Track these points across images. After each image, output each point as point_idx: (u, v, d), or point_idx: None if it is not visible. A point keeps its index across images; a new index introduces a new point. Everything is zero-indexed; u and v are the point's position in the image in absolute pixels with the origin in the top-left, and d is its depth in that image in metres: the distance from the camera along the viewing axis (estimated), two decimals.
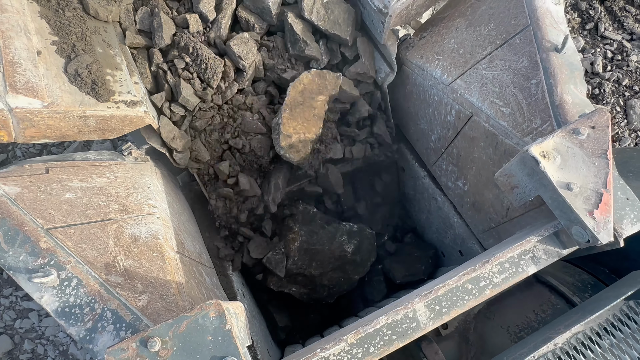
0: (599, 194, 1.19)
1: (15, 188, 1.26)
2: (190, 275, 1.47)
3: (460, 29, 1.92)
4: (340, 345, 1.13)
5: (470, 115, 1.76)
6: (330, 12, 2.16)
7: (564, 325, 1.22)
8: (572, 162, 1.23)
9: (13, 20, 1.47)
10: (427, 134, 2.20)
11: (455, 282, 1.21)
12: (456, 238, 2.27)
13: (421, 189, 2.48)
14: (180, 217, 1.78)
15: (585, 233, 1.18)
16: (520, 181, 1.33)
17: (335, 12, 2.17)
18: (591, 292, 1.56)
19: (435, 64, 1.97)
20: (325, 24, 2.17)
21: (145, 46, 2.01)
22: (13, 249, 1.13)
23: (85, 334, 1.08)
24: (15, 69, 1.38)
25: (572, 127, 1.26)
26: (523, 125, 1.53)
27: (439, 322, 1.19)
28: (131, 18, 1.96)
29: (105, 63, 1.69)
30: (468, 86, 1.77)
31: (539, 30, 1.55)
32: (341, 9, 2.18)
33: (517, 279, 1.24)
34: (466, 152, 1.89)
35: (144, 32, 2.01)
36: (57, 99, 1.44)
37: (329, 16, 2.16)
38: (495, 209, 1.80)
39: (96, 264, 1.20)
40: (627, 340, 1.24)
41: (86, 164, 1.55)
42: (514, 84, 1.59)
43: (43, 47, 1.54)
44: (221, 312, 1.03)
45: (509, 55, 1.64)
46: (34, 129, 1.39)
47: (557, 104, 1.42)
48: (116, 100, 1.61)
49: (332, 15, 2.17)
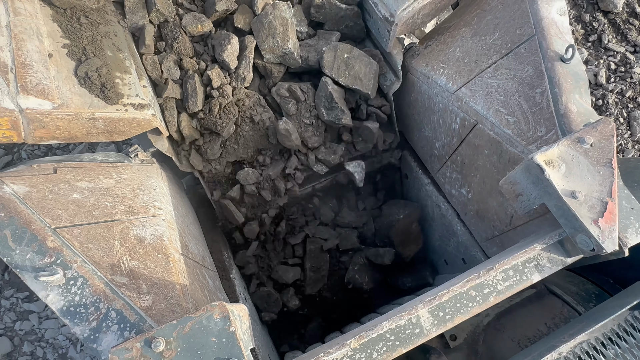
0: (604, 202, 1.19)
1: (24, 187, 1.28)
2: (194, 278, 1.48)
3: (465, 38, 1.94)
4: (343, 350, 1.13)
5: (475, 123, 1.77)
6: (350, 67, 2.19)
7: (568, 334, 1.21)
8: (576, 170, 1.24)
9: (26, 24, 1.50)
10: (432, 142, 2.21)
11: (459, 289, 1.21)
12: (459, 246, 2.27)
13: (425, 196, 2.49)
14: (185, 220, 1.79)
15: (590, 242, 1.18)
16: (524, 189, 1.34)
17: (355, 67, 2.19)
18: (595, 301, 1.55)
19: (440, 72, 1.98)
20: (346, 80, 2.20)
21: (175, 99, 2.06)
22: (20, 247, 1.14)
23: (90, 334, 1.09)
24: (27, 70, 1.40)
25: (577, 135, 1.27)
26: (528, 133, 1.54)
27: (443, 328, 1.19)
28: (158, 69, 2.01)
29: (114, 66, 1.72)
30: (473, 94, 1.78)
31: (544, 40, 1.56)
32: (362, 64, 2.19)
33: (521, 287, 1.24)
34: (470, 160, 1.90)
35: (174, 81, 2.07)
36: (67, 100, 1.46)
37: (350, 71, 2.19)
38: (499, 217, 1.80)
39: (102, 264, 1.21)
40: (632, 351, 1.23)
41: (93, 165, 1.56)
42: (519, 93, 1.60)
43: (54, 49, 1.56)
44: (225, 314, 1.03)
45: (514, 64, 1.66)
46: (43, 129, 1.41)
47: (562, 112, 1.43)
48: (124, 103, 1.63)
49: (353, 71, 2.19)
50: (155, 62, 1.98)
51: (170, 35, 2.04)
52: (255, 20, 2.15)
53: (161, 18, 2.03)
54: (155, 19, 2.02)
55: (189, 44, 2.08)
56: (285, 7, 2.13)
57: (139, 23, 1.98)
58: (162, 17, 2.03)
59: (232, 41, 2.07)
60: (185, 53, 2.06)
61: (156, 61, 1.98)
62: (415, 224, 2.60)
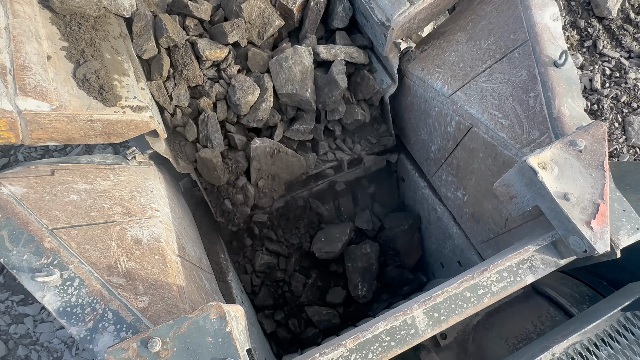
0: (595, 204, 1.21)
1: (21, 188, 1.28)
2: (191, 279, 1.48)
3: (460, 43, 1.97)
4: (339, 351, 1.13)
5: (470, 127, 1.79)
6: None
7: (561, 335, 1.23)
8: (569, 173, 1.26)
9: (25, 26, 1.51)
10: (428, 145, 2.23)
11: (454, 290, 1.22)
12: (455, 249, 2.28)
13: (421, 199, 2.50)
14: (182, 222, 1.80)
15: (583, 243, 1.19)
16: (518, 191, 1.35)
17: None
18: (589, 303, 1.57)
19: (436, 76, 2.01)
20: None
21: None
22: (17, 248, 1.14)
23: (86, 334, 1.09)
24: (25, 72, 1.41)
25: (569, 139, 1.29)
26: (522, 136, 1.55)
27: (438, 329, 1.19)
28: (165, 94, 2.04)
29: (113, 69, 1.73)
30: (468, 98, 1.80)
31: (537, 45, 1.59)
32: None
33: (515, 288, 1.25)
34: (466, 163, 1.91)
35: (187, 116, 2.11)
36: (65, 102, 1.47)
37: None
38: (494, 220, 1.82)
39: (99, 265, 1.21)
40: (625, 352, 1.24)
41: (91, 167, 1.57)
42: (513, 97, 1.62)
43: (53, 52, 1.57)
44: (222, 314, 1.04)
45: (508, 69, 1.68)
46: (41, 131, 1.42)
47: (555, 116, 1.45)
48: (123, 105, 1.64)
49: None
50: (160, 87, 2.00)
51: (181, 62, 2.04)
52: (274, 62, 2.14)
53: (171, 43, 2.03)
54: (165, 43, 2.03)
55: (199, 72, 2.09)
56: (307, 53, 2.12)
57: (145, 47, 1.98)
58: (172, 42, 2.03)
59: (254, 92, 2.09)
60: (194, 81, 2.07)
61: (161, 85, 2.01)
62: (417, 233, 2.66)
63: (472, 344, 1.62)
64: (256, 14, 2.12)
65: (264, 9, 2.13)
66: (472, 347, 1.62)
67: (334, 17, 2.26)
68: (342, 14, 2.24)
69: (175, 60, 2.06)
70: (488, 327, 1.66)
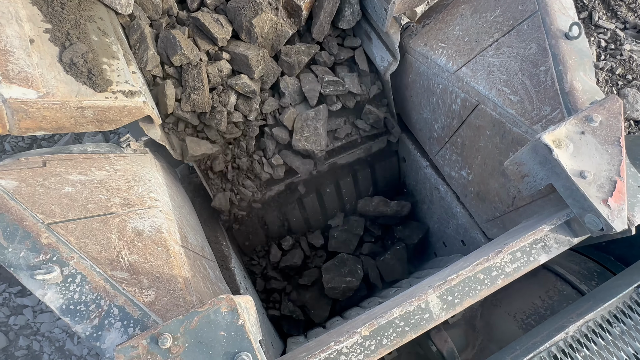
0: (612, 181, 1.18)
1: (13, 182, 1.21)
2: (196, 269, 1.44)
3: (465, 16, 1.89)
4: (354, 338, 1.11)
5: (477, 104, 1.74)
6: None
7: (576, 314, 1.22)
8: (584, 149, 1.22)
9: (3, 7, 1.40)
10: (431, 123, 2.17)
11: (468, 273, 1.19)
12: (458, 228, 2.26)
13: (423, 179, 2.47)
14: (182, 210, 1.74)
15: (599, 221, 1.17)
16: (531, 170, 1.32)
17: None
18: (598, 279, 1.57)
19: (439, 51, 1.93)
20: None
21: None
22: (13, 245, 1.08)
23: (92, 332, 1.05)
24: (7, 57, 1.31)
25: (584, 114, 1.25)
26: (532, 113, 1.51)
27: (452, 312, 1.18)
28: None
29: (101, 52, 1.63)
30: (474, 74, 1.74)
31: (547, 16, 1.52)
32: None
33: (528, 268, 1.23)
34: (471, 141, 1.87)
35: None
36: (52, 89, 1.38)
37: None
38: (501, 198, 1.79)
39: (100, 260, 1.16)
40: (638, 327, 1.24)
41: (84, 157, 1.49)
42: (522, 71, 1.57)
43: (36, 35, 1.47)
44: (233, 307, 1.00)
45: (517, 42, 1.61)
46: (29, 120, 1.33)
47: (567, 91, 1.40)
48: (114, 90, 1.55)
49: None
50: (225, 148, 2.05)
51: (191, 84, 1.94)
52: (298, 119, 2.26)
53: (184, 61, 1.93)
54: (178, 61, 1.92)
55: (208, 98, 2.00)
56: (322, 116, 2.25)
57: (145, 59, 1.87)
58: (187, 60, 1.93)
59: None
60: (201, 107, 1.99)
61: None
62: (426, 241, 2.77)
63: (480, 320, 1.62)
64: (268, 27, 2.05)
65: (275, 22, 2.05)
66: (480, 324, 1.62)
67: (342, 18, 2.25)
68: (350, 17, 2.24)
69: (185, 80, 1.95)
70: (496, 303, 1.65)
